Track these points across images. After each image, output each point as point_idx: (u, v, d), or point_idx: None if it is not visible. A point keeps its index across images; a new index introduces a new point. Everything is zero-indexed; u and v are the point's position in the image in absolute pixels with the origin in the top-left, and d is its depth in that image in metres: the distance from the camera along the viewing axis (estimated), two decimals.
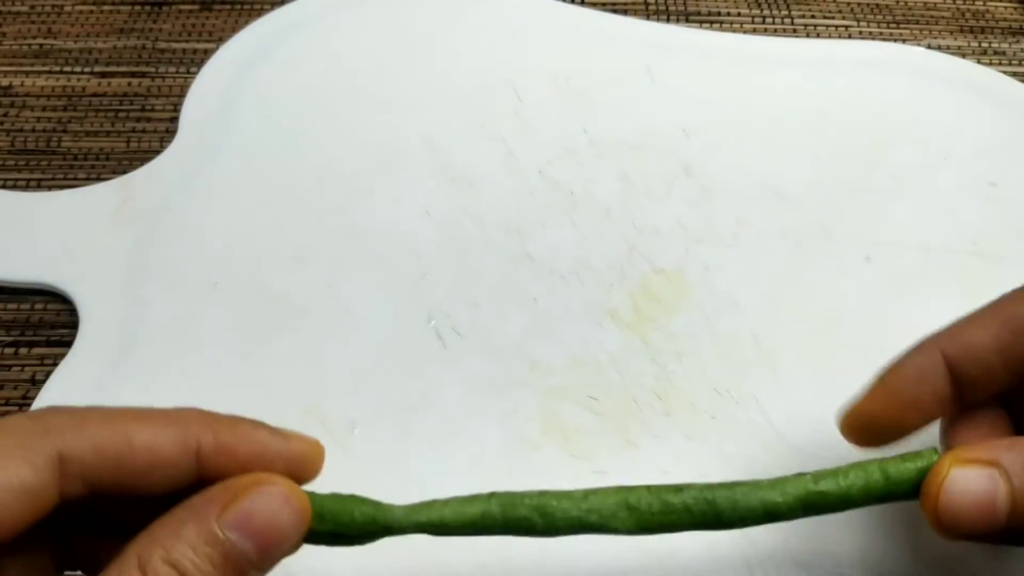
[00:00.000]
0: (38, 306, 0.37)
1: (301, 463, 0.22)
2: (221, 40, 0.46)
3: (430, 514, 0.23)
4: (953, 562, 0.30)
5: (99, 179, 0.41)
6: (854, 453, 0.32)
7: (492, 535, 0.23)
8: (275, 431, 0.22)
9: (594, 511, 0.23)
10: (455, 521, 0.23)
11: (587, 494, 0.23)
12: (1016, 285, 0.37)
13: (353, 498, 0.22)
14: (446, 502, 0.23)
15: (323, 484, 0.23)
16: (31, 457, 0.19)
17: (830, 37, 0.49)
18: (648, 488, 0.24)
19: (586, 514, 0.23)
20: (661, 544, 0.30)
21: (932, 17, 0.50)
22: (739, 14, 0.50)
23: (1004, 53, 0.48)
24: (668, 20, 0.49)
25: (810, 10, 0.50)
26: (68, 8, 0.49)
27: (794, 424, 0.33)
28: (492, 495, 0.23)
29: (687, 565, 0.30)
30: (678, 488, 0.24)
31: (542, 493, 0.23)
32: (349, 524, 0.22)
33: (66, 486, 0.19)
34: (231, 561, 0.19)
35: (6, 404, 0.34)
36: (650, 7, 0.50)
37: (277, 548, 0.20)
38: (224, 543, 0.19)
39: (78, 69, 0.46)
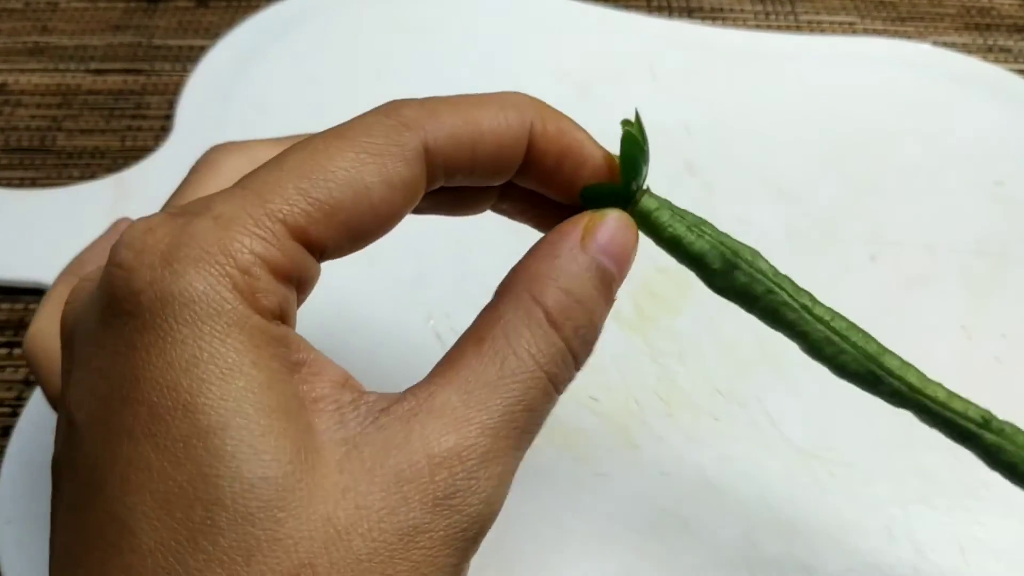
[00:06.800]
0: (32, 306, 0.37)
1: (605, 172, 0.23)
2: (217, 37, 0.46)
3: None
4: (956, 562, 0.29)
5: (93, 177, 0.41)
6: (856, 455, 0.32)
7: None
8: (589, 136, 0.23)
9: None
10: None
11: (920, 380, 0.23)
12: (1021, 285, 0.37)
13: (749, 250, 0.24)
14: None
15: None
16: (403, 153, 0.20)
17: (834, 33, 0.48)
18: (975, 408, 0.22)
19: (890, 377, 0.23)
20: (663, 547, 0.30)
21: (937, 14, 0.50)
22: (742, 10, 0.49)
23: (1010, 50, 0.48)
24: (671, 16, 0.49)
25: (814, 6, 0.50)
26: (63, 5, 0.49)
27: (798, 426, 0.32)
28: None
29: (690, 568, 0.29)
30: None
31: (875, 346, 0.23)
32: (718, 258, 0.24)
33: (429, 177, 0.21)
34: (605, 282, 0.21)
35: None
36: (652, 3, 0.49)
37: (628, 267, 0.22)
38: (600, 266, 0.21)
39: (73, 66, 0.46)
